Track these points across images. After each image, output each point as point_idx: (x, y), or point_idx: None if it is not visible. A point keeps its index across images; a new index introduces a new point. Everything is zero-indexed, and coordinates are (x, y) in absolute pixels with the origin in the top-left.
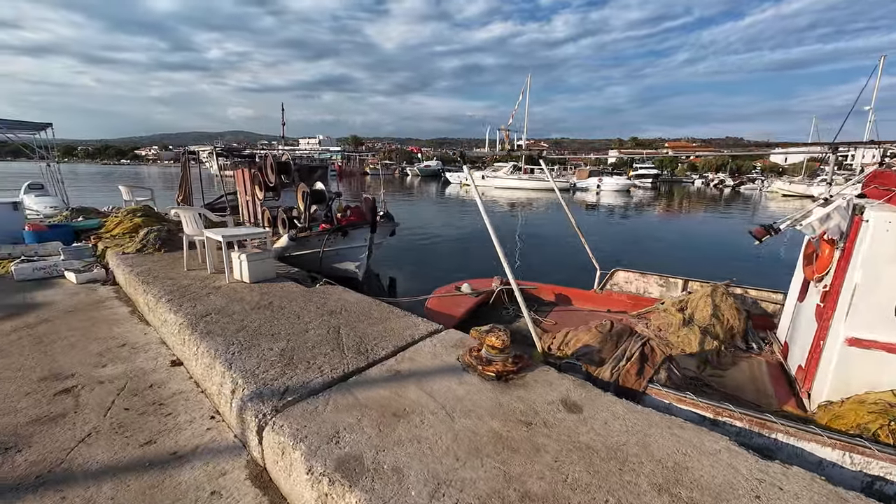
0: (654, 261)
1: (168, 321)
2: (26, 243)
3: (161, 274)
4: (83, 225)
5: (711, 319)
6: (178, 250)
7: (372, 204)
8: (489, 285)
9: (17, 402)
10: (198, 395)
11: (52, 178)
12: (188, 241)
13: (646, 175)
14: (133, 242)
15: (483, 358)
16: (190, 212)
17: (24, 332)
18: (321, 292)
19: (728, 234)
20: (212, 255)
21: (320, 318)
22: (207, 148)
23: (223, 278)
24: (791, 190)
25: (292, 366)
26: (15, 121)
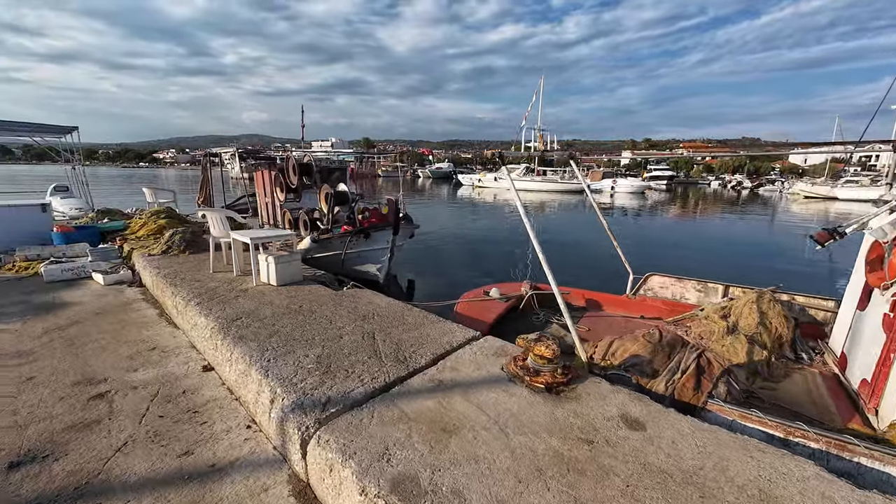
0: (682, 265)
1: (198, 325)
2: (54, 244)
3: (188, 276)
4: (109, 226)
5: (758, 327)
6: (202, 252)
7: (395, 206)
8: (518, 290)
9: (52, 408)
10: (232, 403)
11: (77, 181)
12: (214, 242)
13: (660, 177)
14: (158, 244)
15: (530, 368)
16: (217, 213)
17: (56, 335)
18: (350, 296)
19: (754, 237)
20: (238, 257)
21: (353, 323)
22: (230, 150)
23: (250, 281)
24: (814, 192)
25: (331, 374)
26: (42, 124)
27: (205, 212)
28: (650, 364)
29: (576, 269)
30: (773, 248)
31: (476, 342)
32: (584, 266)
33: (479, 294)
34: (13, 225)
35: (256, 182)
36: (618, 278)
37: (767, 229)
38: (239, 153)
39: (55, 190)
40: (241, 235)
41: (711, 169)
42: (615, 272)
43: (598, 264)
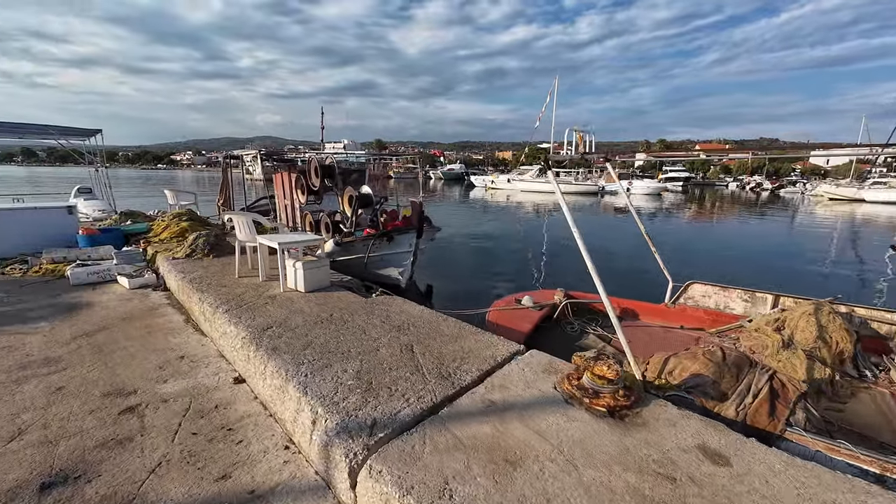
0: (714, 271)
1: (227, 333)
2: (80, 247)
3: (213, 281)
4: (132, 229)
5: (816, 342)
6: (226, 255)
7: (419, 208)
8: (550, 298)
9: (83, 421)
10: (266, 420)
11: (100, 183)
12: (240, 246)
13: (676, 178)
14: (182, 247)
15: (588, 389)
16: (243, 217)
17: (84, 341)
18: (381, 304)
19: (786, 241)
20: (264, 262)
21: (388, 334)
22: (252, 152)
23: (276, 286)
24: (839, 194)
25: (373, 392)
26: (68, 127)
27: (231, 215)
28: (715, 385)
29: (604, 275)
30: (810, 254)
31: (521, 357)
32: (612, 272)
33: (510, 302)
34: (40, 227)
35: (276, 184)
36: (651, 286)
37: (798, 233)
38: (260, 155)
39: (79, 192)
40: (268, 240)
41: (729, 170)
42: (647, 279)
43: (627, 270)
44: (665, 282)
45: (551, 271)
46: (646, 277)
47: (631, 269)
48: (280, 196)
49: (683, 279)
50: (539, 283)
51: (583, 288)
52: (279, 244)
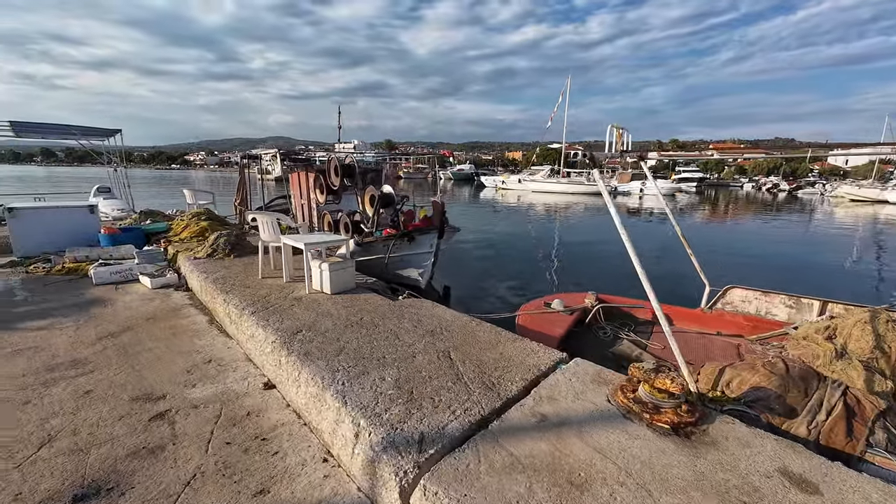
0: (745, 274)
1: (255, 337)
2: (102, 246)
3: (237, 282)
4: (152, 228)
5: (873, 352)
6: (247, 255)
7: (441, 208)
8: (580, 301)
9: (113, 428)
10: (301, 429)
11: (119, 182)
12: (264, 247)
13: (690, 179)
14: (203, 247)
15: (646, 403)
16: (268, 217)
17: (109, 342)
18: (409, 306)
19: (813, 243)
20: (288, 263)
21: (422, 339)
22: (271, 151)
23: (301, 288)
24: (861, 195)
25: (415, 403)
26: (88, 127)
27: (255, 215)
28: (779, 400)
29: (633, 278)
30: (842, 258)
31: (566, 365)
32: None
33: (539, 306)
34: (62, 226)
35: (292, 184)
36: (683, 289)
37: (824, 235)
38: (280, 154)
39: (98, 191)
40: (292, 240)
41: (744, 170)
42: (678, 282)
43: (657, 273)
44: (699, 285)
45: (570, 273)
46: (677, 281)
47: (662, 271)
48: (296, 195)
49: (712, 283)
50: (556, 285)
51: (606, 290)
52: (305, 245)
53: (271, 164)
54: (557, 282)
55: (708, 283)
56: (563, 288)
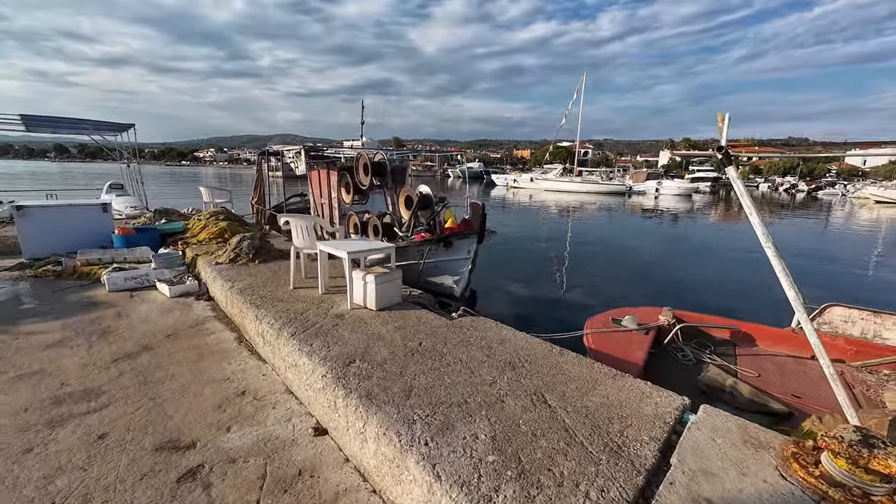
0: (826, 284)
1: (300, 366)
2: (115, 248)
3: (266, 293)
4: (168, 228)
5: None
6: (272, 260)
7: (481, 210)
8: (653, 318)
9: (134, 493)
10: (371, 497)
11: (132, 179)
12: (295, 253)
13: (704, 178)
14: (225, 251)
15: (843, 485)
16: (302, 221)
17: (126, 366)
18: (471, 328)
19: (856, 248)
20: (324, 272)
21: (503, 374)
22: (295, 147)
23: (340, 301)
24: (887, 196)
25: (530, 477)
26: (101, 122)
27: (288, 218)
28: None
29: (701, 292)
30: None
31: (695, 416)
32: (708, 286)
33: (607, 322)
34: (75, 225)
35: (311, 182)
36: (765, 305)
37: (869, 239)
38: (305, 150)
39: (111, 188)
40: (332, 247)
41: (759, 170)
42: (757, 296)
43: (729, 285)
44: (776, 299)
45: (601, 276)
46: (752, 293)
47: (735, 283)
48: (316, 194)
49: (833, 301)
50: (592, 292)
51: (634, 297)
52: (347, 253)
53: (294, 161)
54: (595, 286)
55: (801, 298)
56: (601, 292)
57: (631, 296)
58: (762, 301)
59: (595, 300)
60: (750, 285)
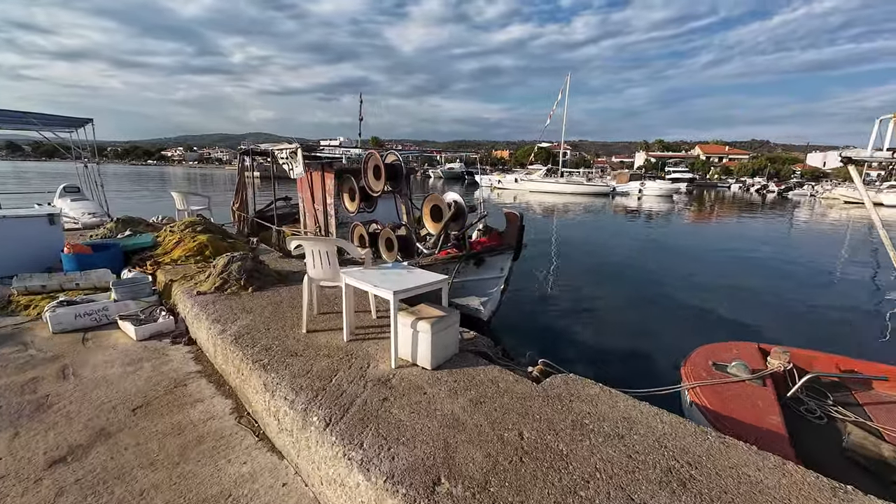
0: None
1: (349, 487)
2: (65, 271)
3: (272, 341)
4: (134, 243)
5: None
6: (270, 288)
7: (519, 222)
8: (757, 359)
9: None
10: None
11: (90, 180)
12: (312, 286)
13: (681, 179)
14: (208, 276)
15: None
16: (324, 245)
17: (69, 475)
18: (569, 395)
19: (859, 253)
20: (350, 312)
21: (673, 497)
22: (290, 146)
23: (374, 353)
24: (855, 197)
25: None
26: (51, 115)
27: (302, 242)
28: None
29: (787, 317)
30: None
31: None
32: (797, 312)
33: (707, 368)
34: (11, 242)
35: (301, 186)
36: (834, 329)
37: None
38: (302, 150)
39: (65, 191)
40: (370, 283)
41: (729, 171)
42: (845, 318)
43: (821, 310)
44: (877, 324)
45: (630, 289)
46: (845, 318)
47: (828, 308)
48: (307, 199)
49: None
50: (621, 310)
51: (706, 325)
52: (394, 294)
53: (289, 161)
54: (628, 304)
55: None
56: (644, 315)
57: (679, 314)
58: (833, 324)
59: (639, 321)
60: (805, 301)
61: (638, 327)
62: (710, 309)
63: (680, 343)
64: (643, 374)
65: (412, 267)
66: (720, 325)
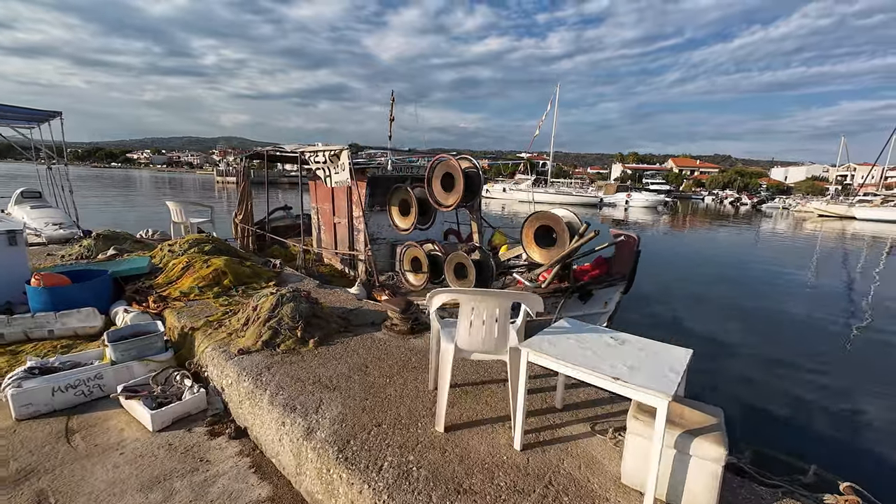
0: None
1: None
2: (31, 311)
3: (408, 459)
4: (127, 269)
5: None
6: (335, 338)
7: (634, 245)
8: None
9: None
10: None
11: (54, 185)
12: (457, 359)
13: (659, 191)
14: (247, 321)
15: None
16: (495, 302)
17: None
18: None
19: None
20: (520, 399)
21: None
22: (331, 147)
23: (574, 471)
24: (829, 210)
25: None
26: (10, 106)
27: (454, 295)
28: None
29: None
30: None
31: None
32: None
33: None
34: None
35: (314, 195)
36: None
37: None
38: (348, 151)
39: (23, 196)
40: (593, 370)
41: (701, 184)
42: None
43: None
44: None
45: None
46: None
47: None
48: (324, 211)
49: None
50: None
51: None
52: (667, 397)
53: (327, 166)
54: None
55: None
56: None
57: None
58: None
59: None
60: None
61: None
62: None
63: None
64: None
65: (615, 331)
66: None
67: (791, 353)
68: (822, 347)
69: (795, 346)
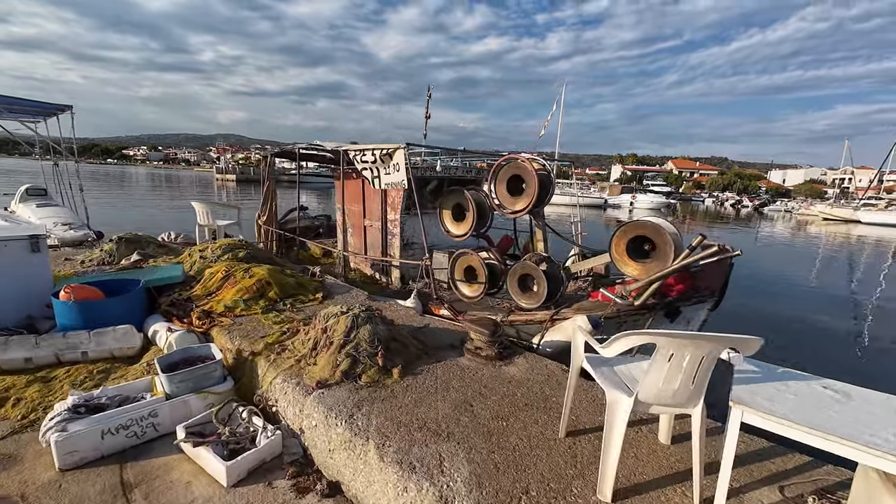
0: None
1: None
2: (61, 329)
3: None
4: (159, 278)
5: None
6: (416, 366)
7: (724, 255)
8: None
9: None
10: None
11: (62, 183)
12: (630, 415)
13: (659, 192)
14: (324, 353)
15: None
16: (707, 347)
17: None
18: None
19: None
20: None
21: None
22: (384, 146)
23: None
24: (834, 214)
25: None
26: (17, 98)
27: (651, 338)
28: None
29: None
30: None
31: None
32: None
33: None
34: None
35: (340, 195)
36: None
37: None
38: (405, 149)
39: (28, 194)
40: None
41: (701, 186)
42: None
43: None
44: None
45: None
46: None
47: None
48: (355, 214)
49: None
50: None
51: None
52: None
53: (376, 166)
54: None
55: None
56: None
57: None
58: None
59: None
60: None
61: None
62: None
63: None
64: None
65: (818, 377)
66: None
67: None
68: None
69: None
